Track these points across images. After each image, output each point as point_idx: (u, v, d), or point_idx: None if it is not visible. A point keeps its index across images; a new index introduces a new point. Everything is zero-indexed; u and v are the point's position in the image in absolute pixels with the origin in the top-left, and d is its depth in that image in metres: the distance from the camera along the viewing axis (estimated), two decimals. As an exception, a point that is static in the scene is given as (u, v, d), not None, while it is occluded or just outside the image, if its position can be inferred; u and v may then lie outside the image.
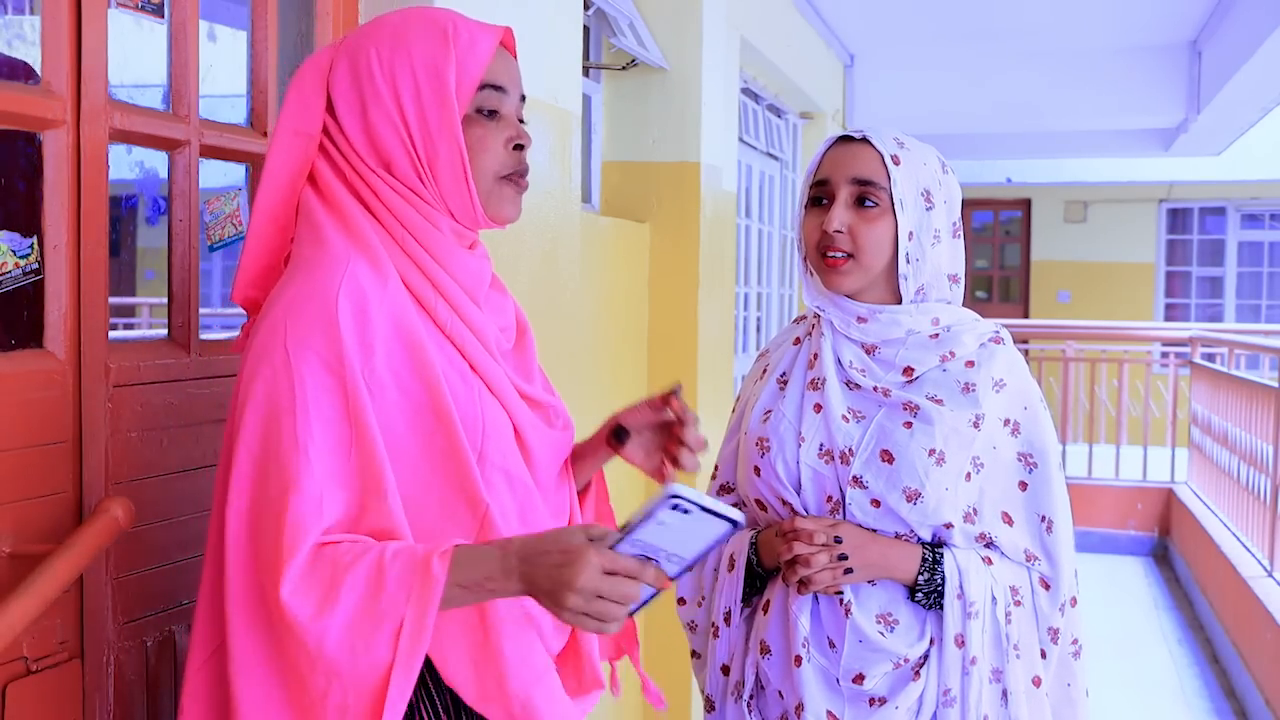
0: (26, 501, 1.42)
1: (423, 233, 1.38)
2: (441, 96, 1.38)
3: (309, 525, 1.24)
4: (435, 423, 1.32)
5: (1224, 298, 12.94)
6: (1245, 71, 6.31)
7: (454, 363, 1.37)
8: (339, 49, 1.44)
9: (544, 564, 1.22)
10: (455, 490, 1.33)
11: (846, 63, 7.69)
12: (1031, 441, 1.77)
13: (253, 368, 1.30)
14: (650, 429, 1.59)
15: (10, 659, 1.39)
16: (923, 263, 1.75)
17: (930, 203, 1.75)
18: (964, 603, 1.70)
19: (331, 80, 1.41)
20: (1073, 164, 12.19)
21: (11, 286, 1.46)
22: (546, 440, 1.47)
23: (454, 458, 1.33)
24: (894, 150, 1.73)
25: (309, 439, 1.26)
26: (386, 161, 1.39)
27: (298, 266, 1.35)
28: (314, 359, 1.27)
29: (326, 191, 1.39)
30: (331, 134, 1.41)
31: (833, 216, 1.73)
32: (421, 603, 1.21)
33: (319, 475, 1.25)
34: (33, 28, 1.66)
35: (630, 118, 4.05)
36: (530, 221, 2.56)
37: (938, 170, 1.77)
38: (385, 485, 1.28)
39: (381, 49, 1.40)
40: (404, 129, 1.38)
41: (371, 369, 1.30)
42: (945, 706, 1.71)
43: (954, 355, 1.75)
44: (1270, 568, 5.30)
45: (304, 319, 1.29)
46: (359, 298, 1.30)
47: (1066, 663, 1.82)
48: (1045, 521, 1.76)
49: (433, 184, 1.39)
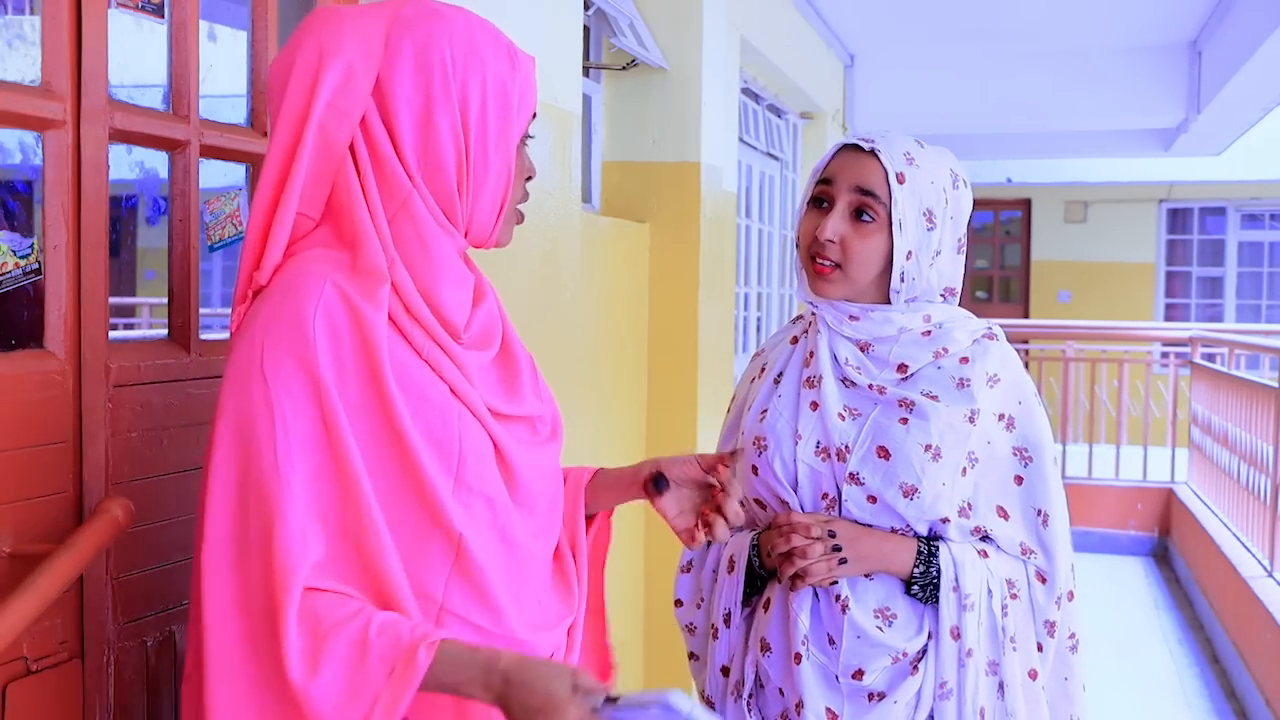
0: (26, 501, 1.42)
1: (418, 255, 1.32)
2: (506, 118, 1.35)
3: (297, 563, 1.20)
4: (402, 450, 1.28)
5: (1224, 298, 12.94)
6: (1245, 71, 6.31)
7: (432, 386, 1.32)
8: (397, 30, 1.32)
9: (524, 698, 1.20)
10: (427, 519, 1.29)
11: (846, 63, 7.69)
12: (1026, 436, 1.77)
13: (229, 390, 1.26)
14: (692, 485, 1.55)
15: (10, 659, 1.39)
16: (918, 281, 1.75)
17: (932, 223, 1.73)
18: (959, 595, 1.71)
19: (390, 65, 1.31)
20: (1073, 164, 12.19)
21: (11, 286, 1.46)
22: (532, 457, 1.43)
23: (422, 487, 1.28)
24: (901, 167, 1.71)
25: (290, 467, 1.22)
26: (432, 171, 1.32)
27: (275, 287, 1.30)
28: (293, 384, 1.24)
29: (340, 189, 1.32)
30: (369, 125, 1.32)
31: (826, 225, 1.72)
32: (400, 685, 1.18)
33: (301, 506, 1.22)
34: (33, 28, 1.66)
35: (630, 118, 4.05)
36: (530, 221, 2.55)
37: (947, 185, 1.74)
38: (368, 516, 1.24)
39: (455, 51, 1.32)
40: (463, 142, 1.33)
41: (347, 394, 1.26)
42: (942, 699, 1.71)
43: (947, 351, 1.76)
44: (1270, 568, 5.30)
45: (281, 341, 1.25)
46: (335, 319, 1.25)
47: (1064, 656, 1.83)
48: (1041, 515, 1.77)
49: (467, 203, 1.35)
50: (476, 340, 1.39)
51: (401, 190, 1.32)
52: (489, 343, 1.42)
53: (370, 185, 1.32)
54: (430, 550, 1.30)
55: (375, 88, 1.31)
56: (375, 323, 1.27)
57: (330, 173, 1.32)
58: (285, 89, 1.31)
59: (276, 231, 1.31)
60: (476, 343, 1.39)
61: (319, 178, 1.32)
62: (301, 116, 1.30)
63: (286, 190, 1.30)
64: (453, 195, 1.34)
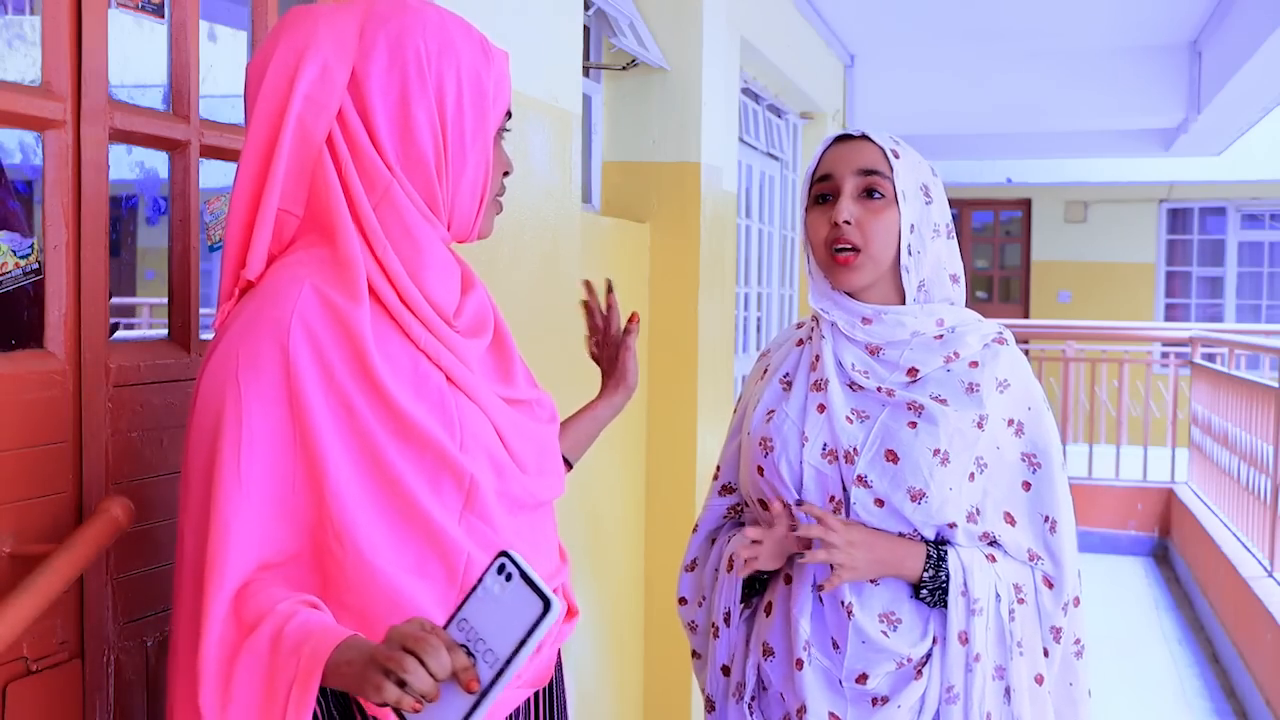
0: (26, 501, 1.42)
1: (404, 244, 1.33)
2: (482, 109, 1.37)
3: (229, 572, 1.21)
4: (411, 432, 1.28)
5: (1224, 298, 12.93)
6: (1245, 71, 6.31)
7: (426, 374, 1.32)
8: (371, 25, 1.33)
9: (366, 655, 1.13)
10: (426, 525, 1.30)
11: (847, 63, 7.68)
12: (1035, 442, 1.77)
13: (202, 395, 1.27)
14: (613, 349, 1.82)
15: (10, 659, 1.39)
16: (924, 255, 1.75)
17: (929, 197, 1.77)
18: (968, 600, 1.70)
19: (365, 58, 1.32)
20: (1073, 164, 12.18)
21: (11, 286, 1.46)
22: (532, 439, 1.45)
23: (444, 457, 1.29)
24: (893, 145, 1.76)
25: (251, 475, 1.23)
26: (411, 162, 1.33)
27: (256, 291, 1.30)
28: (265, 389, 1.24)
29: (319, 183, 1.32)
30: (346, 118, 1.32)
31: (841, 208, 1.73)
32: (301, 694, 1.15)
33: (256, 512, 1.23)
34: (33, 28, 1.67)
35: (630, 118, 4.05)
36: (530, 221, 2.56)
37: (930, 172, 1.80)
38: (340, 519, 1.24)
39: (429, 43, 1.33)
40: (440, 133, 1.34)
41: (336, 392, 1.26)
42: (948, 704, 1.71)
43: (958, 356, 1.76)
44: (1270, 568, 5.30)
45: (258, 349, 1.25)
46: (312, 324, 1.25)
47: (1069, 662, 1.82)
48: (1049, 522, 1.77)
49: (447, 194, 1.36)
50: (470, 328, 1.40)
51: (382, 180, 1.33)
52: (482, 330, 1.43)
53: (351, 177, 1.32)
54: (430, 557, 1.29)
55: (351, 81, 1.32)
56: (356, 317, 1.27)
57: (309, 167, 1.32)
58: (260, 86, 1.32)
59: (260, 228, 1.32)
60: (470, 330, 1.40)
61: (298, 173, 1.32)
62: (278, 112, 1.31)
63: (268, 186, 1.31)
64: (433, 186, 1.35)
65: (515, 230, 2.45)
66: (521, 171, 1.55)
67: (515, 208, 2.39)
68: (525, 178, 2.47)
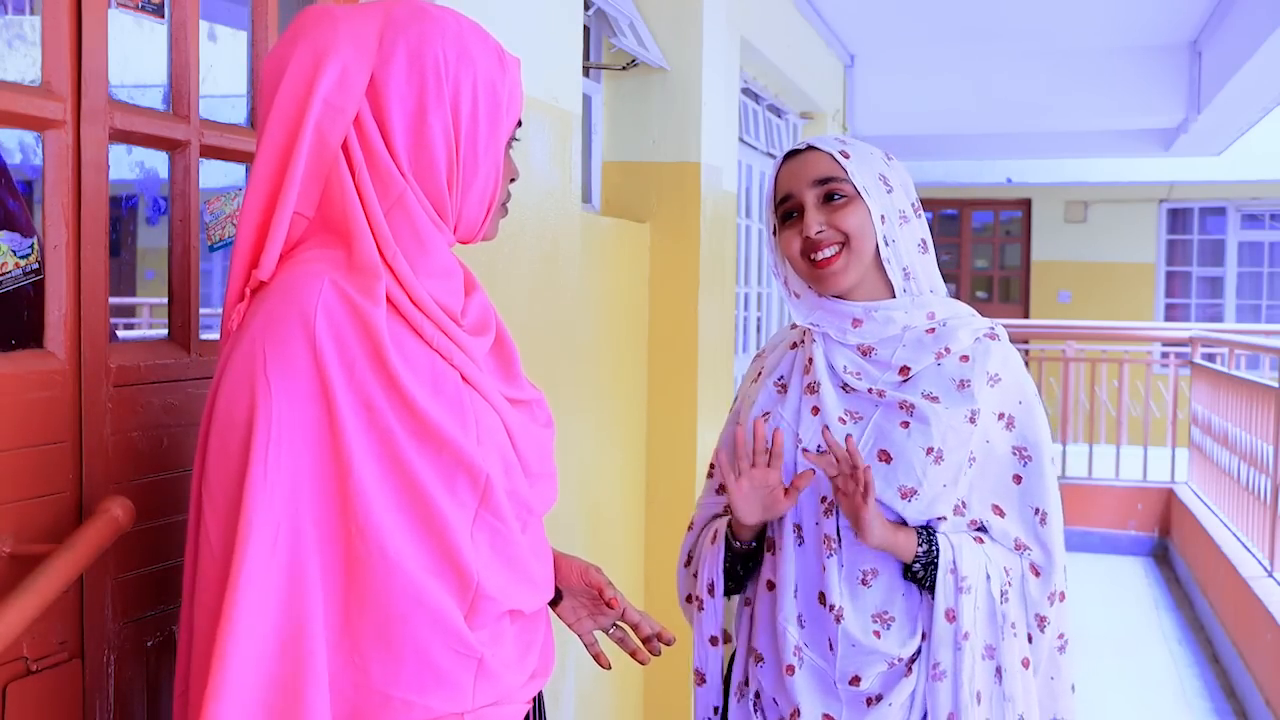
0: (26, 501, 1.42)
1: (413, 248, 1.33)
2: (495, 119, 1.37)
3: (263, 585, 1.23)
4: (431, 433, 1.29)
5: (1224, 298, 12.93)
6: (1245, 71, 6.31)
7: (443, 375, 1.33)
8: (391, 31, 1.34)
9: None
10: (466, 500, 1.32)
11: (847, 63, 7.68)
12: (1026, 435, 1.79)
13: (225, 392, 1.27)
14: (582, 593, 1.64)
15: (10, 659, 1.39)
16: (899, 243, 1.78)
17: (889, 185, 1.79)
18: (956, 577, 1.72)
19: (384, 65, 1.32)
20: (1073, 164, 12.18)
21: (11, 286, 1.46)
22: (534, 441, 1.46)
23: (461, 459, 1.31)
24: (840, 147, 1.79)
25: (278, 475, 1.23)
26: (424, 169, 1.34)
27: (273, 288, 1.30)
28: (297, 386, 1.24)
29: (334, 187, 1.33)
30: (363, 124, 1.32)
31: (809, 222, 1.76)
32: None
33: (286, 508, 1.24)
34: (33, 28, 1.67)
35: (630, 118, 4.05)
36: (530, 221, 2.56)
37: (883, 160, 1.82)
38: (363, 516, 1.25)
39: (448, 51, 1.34)
40: (454, 143, 1.34)
41: (358, 390, 1.26)
42: (934, 680, 1.72)
43: (949, 351, 1.77)
44: (1270, 568, 5.30)
45: (286, 344, 1.25)
46: (336, 318, 1.26)
47: (1053, 657, 1.84)
48: (1039, 514, 1.79)
49: (457, 201, 1.37)
50: (475, 328, 1.41)
51: (395, 187, 1.33)
52: (486, 330, 1.44)
53: (365, 182, 1.32)
54: (439, 559, 1.30)
55: (369, 87, 1.32)
56: (376, 318, 1.27)
57: (324, 171, 1.32)
58: (279, 87, 1.32)
59: (275, 230, 1.31)
60: (475, 330, 1.41)
61: (313, 176, 1.32)
62: (297, 115, 1.30)
63: (284, 189, 1.31)
64: (443, 193, 1.36)
65: (515, 230, 2.45)
66: (522, 171, 1.54)
67: (515, 208, 2.39)
68: (525, 178, 2.47)
